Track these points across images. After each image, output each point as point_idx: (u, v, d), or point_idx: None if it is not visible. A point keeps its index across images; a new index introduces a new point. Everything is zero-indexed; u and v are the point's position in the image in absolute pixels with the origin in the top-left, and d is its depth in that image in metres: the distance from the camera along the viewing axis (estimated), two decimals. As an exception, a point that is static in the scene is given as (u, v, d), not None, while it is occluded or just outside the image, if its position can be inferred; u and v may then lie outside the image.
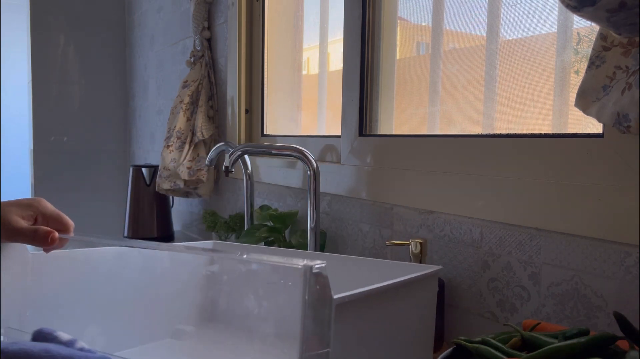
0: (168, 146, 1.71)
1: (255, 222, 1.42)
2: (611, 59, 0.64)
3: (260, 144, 1.46)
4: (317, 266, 0.52)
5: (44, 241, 0.67)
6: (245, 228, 1.46)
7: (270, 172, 1.45)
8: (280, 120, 1.63)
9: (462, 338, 0.64)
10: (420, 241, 0.91)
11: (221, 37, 1.73)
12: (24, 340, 0.58)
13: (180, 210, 2.11)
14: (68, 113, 2.57)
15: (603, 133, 0.73)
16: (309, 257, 0.59)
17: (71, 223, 0.71)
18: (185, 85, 1.75)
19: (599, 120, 0.65)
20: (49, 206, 0.69)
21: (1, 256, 0.69)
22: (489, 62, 0.97)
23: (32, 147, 2.53)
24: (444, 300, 0.93)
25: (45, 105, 2.53)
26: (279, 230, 1.30)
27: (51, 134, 2.54)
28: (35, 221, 0.69)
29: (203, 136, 1.69)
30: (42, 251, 0.70)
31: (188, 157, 1.70)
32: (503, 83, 0.95)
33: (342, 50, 1.22)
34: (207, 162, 1.44)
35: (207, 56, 1.75)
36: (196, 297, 0.89)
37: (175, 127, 1.71)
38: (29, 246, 0.70)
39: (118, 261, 0.82)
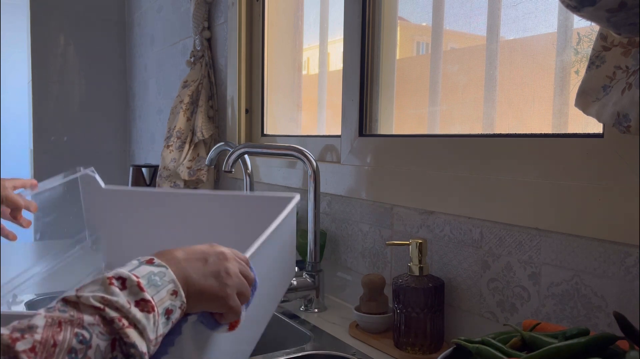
0: (168, 146, 1.71)
1: (255, 222, 1.42)
2: (611, 59, 0.64)
3: (260, 144, 1.46)
4: None
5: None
6: (245, 228, 1.45)
7: (270, 172, 1.45)
8: (280, 120, 1.63)
9: (462, 338, 0.65)
10: (420, 241, 0.91)
11: (221, 37, 1.73)
12: None
13: (180, 210, 2.11)
14: (68, 113, 2.57)
15: (603, 133, 0.73)
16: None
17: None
18: (185, 85, 1.75)
19: (599, 120, 0.65)
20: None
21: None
22: (489, 62, 0.97)
23: (32, 147, 2.53)
24: (444, 300, 0.93)
25: (45, 105, 2.53)
26: (279, 230, 1.30)
27: (51, 134, 2.54)
28: None
29: (203, 136, 1.68)
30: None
31: (188, 157, 1.70)
32: (503, 83, 0.95)
33: (342, 50, 1.22)
34: (207, 162, 1.44)
35: (207, 56, 1.75)
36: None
37: (175, 127, 1.71)
38: None
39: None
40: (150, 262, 0.49)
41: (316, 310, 1.14)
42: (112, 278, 0.45)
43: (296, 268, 1.16)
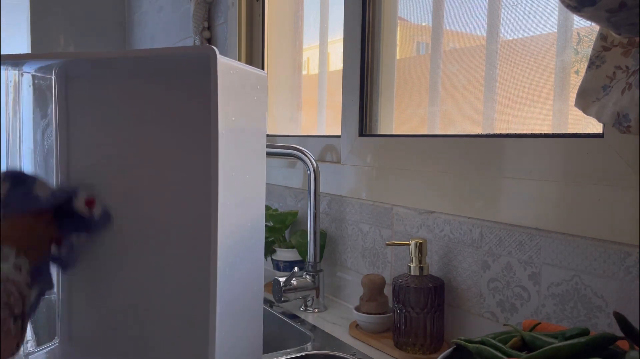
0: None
1: (255, 222, 1.42)
2: (611, 58, 0.64)
3: (260, 144, 1.45)
4: None
5: None
6: (245, 228, 1.45)
7: (270, 172, 1.45)
8: (280, 120, 1.63)
9: (462, 338, 0.65)
10: (420, 241, 0.91)
11: (221, 37, 1.73)
12: None
13: (180, 210, 2.11)
14: (68, 113, 2.56)
15: (603, 133, 0.73)
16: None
17: None
18: (185, 85, 1.75)
19: (599, 120, 0.65)
20: None
21: None
22: (489, 62, 0.97)
23: (32, 147, 2.53)
24: (444, 300, 0.93)
25: (45, 105, 2.52)
26: (279, 229, 1.30)
27: (51, 134, 2.53)
28: None
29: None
30: None
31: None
32: (503, 83, 0.95)
33: (342, 50, 1.22)
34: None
35: (207, 56, 1.75)
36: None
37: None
38: None
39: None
40: None
41: (316, 310, 1.14)
42: None
43: (296, 268, 1.16)
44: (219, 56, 0.63)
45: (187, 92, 0.82)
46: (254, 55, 1.63)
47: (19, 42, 3.00)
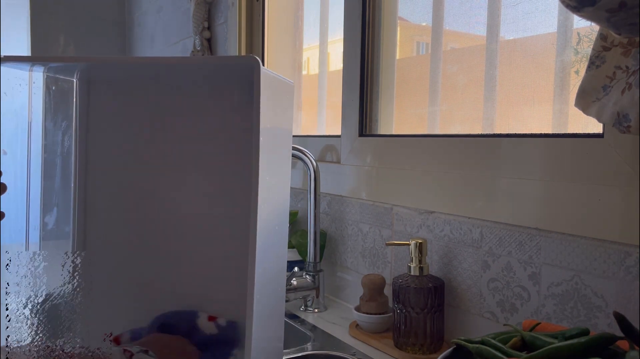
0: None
1: (255, 222, 1.42)
2: (611, 58, 0.64)
3: (260, 144, 1.45)
4: None
5: None
6: (245, 228, 1.45)
7: (270, 172, 1.45)
8: (280, 120, 1.62)
9: (462, 338, 0.65)
10: (420, 241, 0.91)
11: (221, 37, 1.73)
12: None
13: (180, 210, 2.11)
14: (68, 113, 2.56)
15: (603, 133, 0.73)
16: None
17: None
18: (185, 85, 1.75)
19: (599, 120, 0.65)
20: None
21: None
22: (489, 62, 0.97)
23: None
24: (444, 300, 0.93)
25: (45, 105, 2.52)
26: (279, 230, 1.30)
27: (51, 134, 2.53)
28: None
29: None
30: None
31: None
32: (503, 83, 0.95)
33: (342, 50, 1.22)
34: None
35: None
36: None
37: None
38: None
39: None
40: None
41: (316, 310, 1.14)
42: None
43: (296, 268, 1.16)
44: (262, 67, 0.64)
45: (213, 97, 0.83)
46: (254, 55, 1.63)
47: (19, 42, 3.00)
